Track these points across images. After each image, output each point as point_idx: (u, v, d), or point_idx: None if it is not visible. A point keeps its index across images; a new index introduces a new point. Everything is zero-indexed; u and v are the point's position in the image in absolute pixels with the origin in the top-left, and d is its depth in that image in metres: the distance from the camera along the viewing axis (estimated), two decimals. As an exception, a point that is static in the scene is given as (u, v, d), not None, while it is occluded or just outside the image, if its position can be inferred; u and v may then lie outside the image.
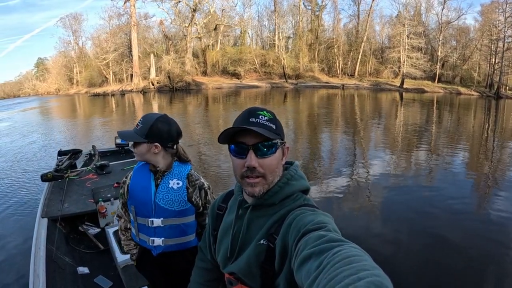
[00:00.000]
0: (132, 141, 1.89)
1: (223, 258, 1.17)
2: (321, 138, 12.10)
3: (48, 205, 4.07)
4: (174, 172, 1.95)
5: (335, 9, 45.83)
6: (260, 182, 1.03)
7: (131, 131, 1.88)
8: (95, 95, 47.16)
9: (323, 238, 0.78)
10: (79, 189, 4.56)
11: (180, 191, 1.92)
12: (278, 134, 1.05)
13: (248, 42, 51.45)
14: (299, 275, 0.76)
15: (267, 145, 1.02)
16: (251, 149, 1.01)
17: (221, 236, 1.21)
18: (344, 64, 43.23)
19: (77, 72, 62.91)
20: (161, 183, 1.92)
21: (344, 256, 0.66)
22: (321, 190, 6.53)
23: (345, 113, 18.12)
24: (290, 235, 0.92)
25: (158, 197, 1.90)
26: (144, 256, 2.08)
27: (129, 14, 48.14)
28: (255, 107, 1.08)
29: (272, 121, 1.05)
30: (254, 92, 35.68)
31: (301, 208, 1.02)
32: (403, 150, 9.90)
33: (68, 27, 62.96)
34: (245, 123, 1.03)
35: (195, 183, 1.96)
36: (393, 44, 40.20)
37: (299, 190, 1.09)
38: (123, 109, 28.30)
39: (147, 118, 1.88)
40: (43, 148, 11.73)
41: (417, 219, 5.21)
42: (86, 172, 5.19)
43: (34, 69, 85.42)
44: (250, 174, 1.02)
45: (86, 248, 3.85)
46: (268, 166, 1.03)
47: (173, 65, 44.50)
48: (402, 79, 35.53)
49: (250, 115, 1.04)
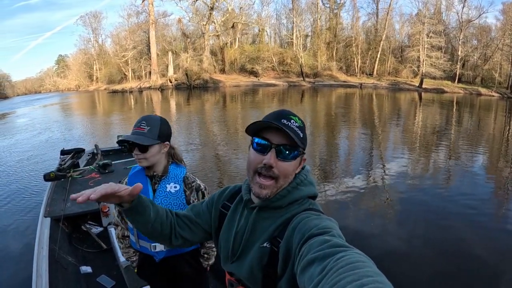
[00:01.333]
0: (150, 144, 1.83)
1: (224, 256, 1.18)
2: (339, 138, 12.10)
3: (51, 204, 4.05)
4: (171, 175, 1.96)
5: (354, 7, 45.52)
6: (271, 185, 1.03)
7: (139, 135, 1.81)
8: (114, 91, 47.98)
9: (327, 243, 0.78)
10: (82, 188, 4.40)
11: (178, 194, 1.94)
12: (303, 144, 1.04)
13: (266, 40, 51.43)
14: (302, 279, 0.77)
15: (291, 149, 1.01)
16: (274, 148, 1.00)
17: (223, 234, 1.20)
18: (363, 63, 42.70)
19: (96, 69, 64.16)
20: (158, 187, 1.93)
21: (348, 261, 0.67)
22: (338, 189, 6.55)
23: (363, 113, 17.97)
24: (294, 239, 0.93)
25: (156, 202, 1.89)
26: (145, 262, 2.09)
27: (148, 12, 48.82)
28: (288, 110, 1.07)
29: (302, 129, 1.05)
30: (271, 90, 35.63)
31: (306, 212, 1.03)
32: (421, 151, 9.80)
33: (88, 25, 64.29)
34: (276, 122, 1.01)
35: (192, 185, 1.98)
36: (412, 43, 39.55)
37: (307, 196, 1.10)
38: (141, 106, 28.70)
39: (151, 119, 1.89)
40: (55, 145, 11.77)
41: (433, 222, 5.15)
42: (88, 171, 5.17)
43: (55, 66, 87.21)
44: (265, 172, 1.02)
45: (89, 248, 3.88)
46: (284, 170, 1.02)
47: (191, 63, 44.83)
48: (421, 79, 35.01)
49: (282, 117, 1.03)
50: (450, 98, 27.34)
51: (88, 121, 19.93)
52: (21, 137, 14.95)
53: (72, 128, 16.71)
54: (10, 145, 13.07)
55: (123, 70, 55.77)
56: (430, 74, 35.92)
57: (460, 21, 39.81)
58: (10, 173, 8.76)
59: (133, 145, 1.83)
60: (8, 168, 9.25)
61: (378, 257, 3.88)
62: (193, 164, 8.88)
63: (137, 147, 1.83)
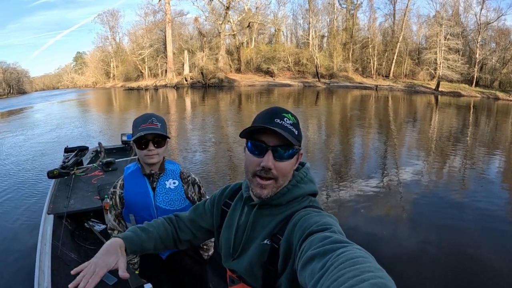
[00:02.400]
0: (168, 138, 1.92)
1: (225, 253, 1.18)
2: (354, 140, 12.13)
3: (54, 201, 4.09)
4: (168, 172, 1.99)
5: (371, 8, 45.11)
6: (271, 185, 1.03)
7: (156, 131, 1.83)
8: (130, 89, 48.80)
9: (328, 239, 0.79)
10: (85, 186, 4.56)
11: (178, 189, 1.97)
12: (299, 141, 1.04)
13: (283, 40, 51.33)
14: (302, 275, 0.77)
15: (287, 149, 1.01)
16: (270, 150, 1.00)
17: (224, 232, 1.21)
18: (379, 65, 42.33)
19: (113, 67, 65.09)
20: (157, 185, 1.95)
21: (348, 257, 0.67)
22: (352, 191, 6.61)
23: (378, 116, 17.87)
24: (295, 236, 0.93)
25: (158, 199, 1.93)
26: (148, 262, 2.11)
27: (164, 11, 49.37)
28: (280, 108, 1.06)
29: (295, 126, 1.04)
30: (286, 90, 35.65)
31: (307, 209, 1.03)
32: (436, 155, 9.71)
33: (105, 23, 65.40)
34: (269, 122, 1.01)
35: (188, 180, 2.04)
36: (429, 45, 39.13)
37: (308, 193, 1.10)
38: (157, 104, 29.01)
39: (158, 117, 1.92)
40: (64, 142, 11.57)
41: (447, 228, 5.11)
42: (92, 169, 5.20)
43: (73, 63, 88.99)
44: (264, 174, 1.02)
45: (92, 245, 3.90)
46: (282, 170, 1.02)
47: (207, 62, 45.16)
48: (438, 82, 34.62)
49: (275, 115, 1.02)
50: (467, 102, 27.06)
51: (102, 118, 20.33)
52: (33, 133, 15.30)
53: (85, 125, 17.09)
54: (20, 141, 13.42)
55: (139, 68, 56.39)
56: (447, 77, 35.50)
57: (478, 23, 39.21)
58: (16, 169, 8.94)
59: (147, 141, 1.83)
60: (15, 164, 9.45)
61: (390, 260, 4.12)
62: (207, 161, 9.11)
63: (152, 143, 1.84)
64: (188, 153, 10.12)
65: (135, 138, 1.81)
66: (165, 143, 1.91)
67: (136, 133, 1.83)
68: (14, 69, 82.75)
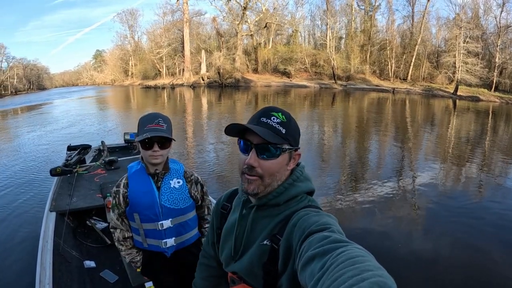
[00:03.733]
0: (173, 140, 1.93)
1: (227, 257, 1.18)
2: (370, 143, 12.08)
3: (57, 199, 4.08)
4: (172, 171, 2.01)
5: (389, 9, 44.60)
6: (256, 181, 1.03)
7: (162, 132, 1.85)
8: (147, 87, 49.63)
9: (327, 239, 0.79)
10: (88, 184, 4.56)
11: (182, 188, 2.00)
12: (286, 139, 1.03)
13: (300, 41, 51.23)
14: (303, 275, 0.78)
15: (270, 148, 1.01)
16: (254, 148, 1.02)
17: (224, 236, 1.21)
18: (397, 67, 41.85)
19: (132, 65, 66.30)
20: (162, 184, 1.96)
21: (348, 256, 0.67)
22: (367, 194, 6.63)
23: (395, 119, 17.73)
24: (295, 236, 0.93)
25: (163, 199, 1.95)
26: (152, 259, 2.10)
27: (182, 11, 49.99)
28: (271, 107, 1.07)
29: (284, 124, 1.03)
30: (302, 92, 35.62)
31: (306, 209, 1.02)
32: (452, 161, 9.54)
33: (124, 22, 66.65)
34: (255, 121, 1.03)
35: (191, 179, 2.06)
36: (448, 47, 38.67)
37: (304, 191, 1.10)
38: (174, 102, 29.43)
39: (164, 117, 1.93)
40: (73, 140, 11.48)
41: (462, 235, 5.03)
42: (94, 167, 5.18)
43: (92, 60, 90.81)
44: (248, 172, 1.03)
45: (93, 242, 3.92)
46: (267, 169, 1.02)
47: (224, 62, 45.46)
48: (456, 86, 34.10)
49: (262, 115, 1.04)
50: (485, 106, 26.69)
51: (117, 116, 20.76)
52: (44, 129, 15.57)
53: (99, 123, 17.30)
54: (30, 137, 13.62)
55: (157, 66, 57.28)
56: (466, 81, 35.01)
57: (498, 26, 38.56)
58: (22, 166, 9.05)
59: (152, 142, 1.84)
60: (21, 161, 9.60)
61: (403, 264, 4.18)
62: (222, 161, 9.24)
63: (157, 144, 1.85)
64: (203, 152, 10.33)
65: (141, 139, 1.81)
66: (170, 144, 1.92)
67: (141, 132, 1.84)
68: (34, 66, 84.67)
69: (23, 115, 25.48)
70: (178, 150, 10.34)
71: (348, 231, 3.39)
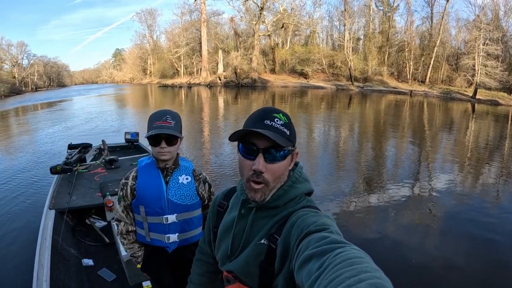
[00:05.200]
0: (181, 137, 1.95)
1: (223, 256, 1.16)
2: (385, 146, 12.00)
3: (56, 197, 4.10)
4: (182, 168, 2.04)
5: (408, 10, 44.00)
6: (262, 189, 1.02)
7: (169, 129, 1.88)
8: (164, 86, 50.34)
9: (325, 240, 0.79)
10: (87, 182, 4.58)
11: (190, 185, 2.02)
12: (291, 141, 1.02)
13: (318, 42, 50.98)
14: (299, 275, 0.77)
15: (278, 150, 0.99)
16: (261, 153, 0.99)
17: (221, 234, 1.20)
18: (415, 69, 41.19)
19: (150, 64, 67.33)
20: (170, 179, 1.99)
21: (345, 257, 0.67)
22: (382, 197, 6.61)
23: (412, 123, 17.49)
24: (292, 236, 0.93)
25: (170, 193, 1.97)
26: (154, 254, 2.11)
27: (200, 11, 50.61)
28: (271, 108, 1.04)
29: (287, 126, 1.02)
30: (319, 93, 35.48)
31: (304, 209, 1.02)
32: (470, 167, 9.35)
33: (143, 22, 67.77)
34: (259, 124, 0.99)
35: (200, 177, 2.09)
36: (467, 50, 38.02)
37: (304, 193, 1.09)
38: (191, 102, 29.64)
39: (173, 114, 1.94)
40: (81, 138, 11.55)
41: (478, 243, 4.93)
42: (95, 166, 5.22)
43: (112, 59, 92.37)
44: (255, 178, 1.01)
45: (92, 241, 3.90)
46: (275, 172, 1.01)
47: (241, 62, 45.74)
48: (475, 89, 33.38)
49: (265, 117, 1.01)
50: (505, 111, 26.16)
51: (132, 115, 20.96)
52: (57, 127, 15.76)
53: (113, 121, 17.41)
54: (39, 136, 13.72)
55: (175, 65, 58.11)
56: (485, 84, 34.39)
57: (519, 28, 37.90)
58: (23, 163, 9.05)
59: (160, 139, 1.88)
60: (22, 159, 9.61)
61: (416, 268, 4.14)
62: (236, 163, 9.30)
63: (165, 141, 1.88)
64: (216, 153, 10.36)
65: (148, 135, 1.86)
66: (178, 141, 1.94)
67: (150, 130, 1.87)
68: (54, 63, 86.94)
69: (37, 112, 26.11)
70: (192, 149, 10.51)
71: (361, 235, 4.46)
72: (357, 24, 47.47)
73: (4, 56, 66.85)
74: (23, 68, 71.79)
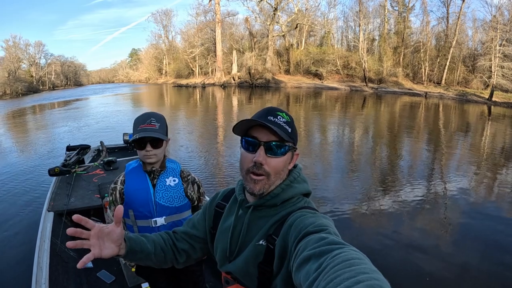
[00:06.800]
0: (165, 139, 1.95)
1: (222, 257, 1.17)
2: (399, 149, 11.86)
3: (55, 199, 4.08)
4: (169, 170, 2.03)
5: (424, 10, 43.36)
6: (263, 181, 1.03)
7: (154, 132, 1.88)
8: (179, 86, 51.08)
9: (324, 241, 0.79)
10: (86, 184, 4.55)
11: (177, 187, 2.01)
12: (292, 138, 1.05)
13: (334, 42, 50.63)
14: (298, 276, 0.78)
15: (279, 145, 1.02)
16: (263, 146, 1.02)
17: (219, 235, 1.20)
18: (431, 71, 40.55)
19: (166, 64, 68.10)
20: (157, 182, 1.98)
21: (344, 258, 0.67)
22: (395, 200, 6.60)
23: (427, 125, 17.32)
24: (290, 237, 0.93)
25: (157, 196, 1.96)
26: None
27: (214, 11, 50.93)
28: (274, 107, 1.08)
29: (289, 124, 1.06)
30: (333, 94, 35.32)
31: (302, 210, 1.02)
32: (486, 171, 9.13)
33: (159, 22, 68.68)
34: (263, 119, 1.03)
35: (188, 178, 2.08)
36: (483, 51, 37.44)
37: (301, 193, 1.10)
38: (206, 102, 29.79)
39: (157, 116, 1.96)
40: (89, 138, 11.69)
41: (493, 250, 4.81)
42: (93, 168, 5.19)
43: (128, 59, 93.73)
44: (256, 170, 1.03)
45: None
46: (275, 167, 1.03)
47: (255, 62, 45.91)
48: (492, 91, 32.68)
49: (269, 114, 1.04)
50: (522, 114, 25.98)
51: None
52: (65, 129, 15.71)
53: (126, 121, 17.20)
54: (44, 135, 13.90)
55: (190, 65, 58.69)
56: (502, 86, 33.86)
57: (538, 29, 37.18)
58: (24, 166, 8.99)
59: (145, 142, 1.89)
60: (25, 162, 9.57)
61: (428, 273, 4.12)
62: None
63: (150, 144, 1.88)
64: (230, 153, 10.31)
65: (133, 139, 1.87)
66: (163, 143, 1.94)
67: (135, 133, 1.89)
68: (71, 63, 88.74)
69: (49, 111, 26.65)
70: (205, 148, 10.55)
71: (373, 238, 4.77)
72: (372, 24, 47.04)
73: (22, 56, 68.36)
74: (41, 67, 73.48)
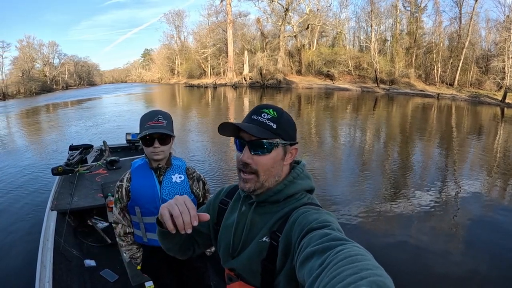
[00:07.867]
0: (173, 135, 1.98)
1: (225, 253, 1.17)
2: (411, 152, 11.75)
3: (58, 198, 4.08)
4: (174, 167, 2.06)
5: (436, 11, 42.91)
6: (252, 179, 1.04)
7: (162, 128, 1.91)
8: (190, 86, 51.62)
9: (327, 237, 0.79)
10: (89, 183, 4.56)
11: (183, 184, 2.04)
12: (278, 134, 1.03)
13: (345, 43, 50.38)
14: (301, 272, 0.78)
15: (261, 143, 1.01)
16: (247, 145, 1.03)
17: (223, 231, 1.20)
18: (443, 72, 39.94)
19: (178, 64, 68.70)
20: (164, 179, 2.01)
21: (347, 255, 0.67)
22: (406, 201, 6.61)
23: (440, 127, 17.33)
24: (294, 233, 0.93)
25: (164, 192, 2.00)
26: (152, 255, 2.12)
27: (226, 12, 51.33)
28: (263, 104, 1.07)
29: (275, 120, 1.04)
30: (344, 95, 35.20)
31: (306, 206, 1.02)
32: (499, 175, 8.99)
33: (171, 23, 69.24)
34: (247, 119, 1.05)
35: (193, 176, 2.11)
36: (497, 51, 36.90)
37: (304, 189, 1.10)
38: (217, 102, 30.18)
39: (164, 114, 1.98)
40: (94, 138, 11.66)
41: (504, 258, 4.69)
42: (96, 167, 5.20)
43: (141, 59, 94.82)
44: (243, 169, 1.04)
45: (94, 242, 3.92)
46: (261, 165, 1.03)
47: (267, 62, 46.08)
48: (505, 93, 32.16)
49: (254, 113, 1.05)
50: (535, 116, 25.65)
51: None
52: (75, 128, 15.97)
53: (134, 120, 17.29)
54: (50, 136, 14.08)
55: (202, 66, 59.18)
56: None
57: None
58: (27, 165, 9.07)
59: (153, 138, 1.90)
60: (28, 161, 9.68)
61: (437, 277, 4.08)
62: None
63: (158, 140, 1.90)
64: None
65: (141, 136, 1.89)
66: (170, 140, 1.97)
67: (142, 130, 1.91)
68: (85, 63, 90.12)
69: (60, 110, 27.26)
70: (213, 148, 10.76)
71: (382, 238, 5.06)
72: (384, 25, 46.72)
73: (36, 55, 69.58)
74: (54, 67, 74.73)
